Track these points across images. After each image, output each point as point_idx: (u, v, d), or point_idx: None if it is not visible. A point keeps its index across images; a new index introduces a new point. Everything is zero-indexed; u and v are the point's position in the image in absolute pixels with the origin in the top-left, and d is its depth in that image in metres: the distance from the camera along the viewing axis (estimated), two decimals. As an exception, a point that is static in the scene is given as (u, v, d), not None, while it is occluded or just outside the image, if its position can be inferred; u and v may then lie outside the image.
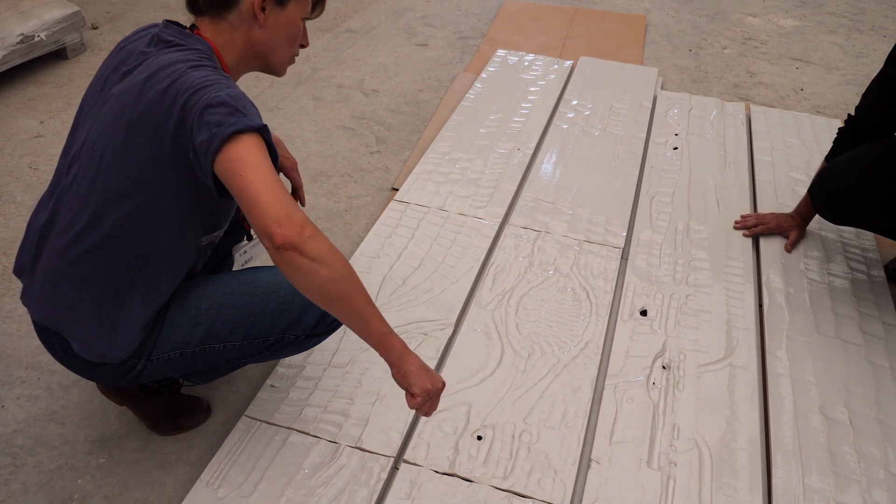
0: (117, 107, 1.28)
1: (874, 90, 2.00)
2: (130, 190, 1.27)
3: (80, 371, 1.45)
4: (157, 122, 1.22)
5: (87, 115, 1.37)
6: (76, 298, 1.34)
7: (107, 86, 1.36)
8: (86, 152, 1.32)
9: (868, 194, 1.96)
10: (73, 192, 1.33)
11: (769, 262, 2.25)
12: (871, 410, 1.79)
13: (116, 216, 1.29)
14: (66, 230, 1.32)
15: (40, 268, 1.37)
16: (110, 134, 1.28)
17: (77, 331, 1.35)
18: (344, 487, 1.55)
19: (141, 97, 1.24)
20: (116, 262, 1.32)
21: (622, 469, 1.63)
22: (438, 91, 3.31)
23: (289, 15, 1.38)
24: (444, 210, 2.40)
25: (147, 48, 1.33)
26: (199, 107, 1.18)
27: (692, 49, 3.84)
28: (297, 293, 1.39)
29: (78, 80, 3.25)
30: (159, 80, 1.23)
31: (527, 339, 1.94)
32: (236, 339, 1.44)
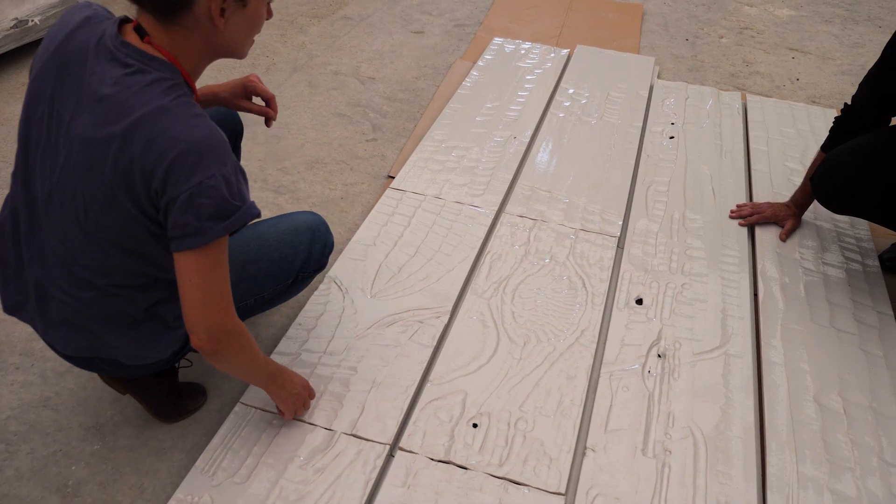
0: (89, 159, 1.17)
1: (871, 80, 2.00)
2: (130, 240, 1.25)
3: (130, 373, 1.49)
4: (142, 186, 1.16)
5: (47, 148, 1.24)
6: (110, 330, 1.34)
7: (57, 112, 1.21)
8: (62, 204, 1.24)
9: (870, 184, 1.96)
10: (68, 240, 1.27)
11: (764, 251, 2.26)
12: (865, 399, 1.80)
13: (129, 260, 1.28)
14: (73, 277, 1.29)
15: (55, 312, 1.33)
16: (89, 190, 1.19)
17: (121, 351, 1.37)
18: (339, 475, 1.55)
19: (119, 155, 1.15)
20: (142, 288, 1.33)
21: (617, 457, 1.64)
22: (435, 79, 3.29)
23: (252, 9, 1.24)
24: (440, 198, 2.39)
25: (100, 64, 1.18)
26: (190, 187, 1.13)
27: (689, 38, 3.83)
28: (298, 235, 1.59)
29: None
30: (140, 141, 1.13)
31: (522, 327, 1.94)
32: (263, 291, 1.57)
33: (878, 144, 1.97)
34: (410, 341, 1.87)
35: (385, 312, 1.95)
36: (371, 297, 2.00)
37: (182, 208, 1.14)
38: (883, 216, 2.06)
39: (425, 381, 1.79)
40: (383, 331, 1.90)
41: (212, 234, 1.17)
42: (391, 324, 1.92)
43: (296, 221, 1.65)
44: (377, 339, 1.88)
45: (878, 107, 2.02)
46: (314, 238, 1.64)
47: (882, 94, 1.99)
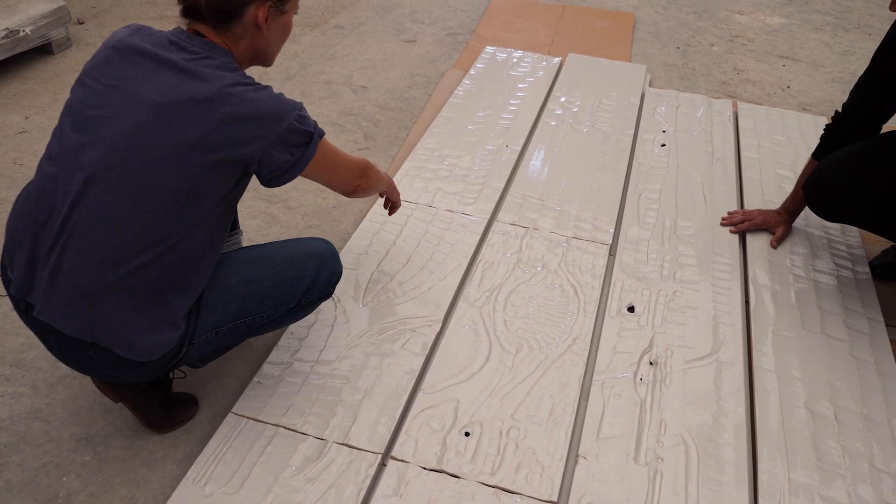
0: (160, 117, 1.29)
1: (861, 87, 2.01)
2: (182, 205, 1.33)
3: (123, 375, 1.45)
4: (219, 142, 1.31)
5: (108, 116, 1.32)
6: (117, 307, 1.34)
7: (125, 85, 1.33)
8: (121, 161, 1.30)
9: (862, 193, 1.97)
10: (104, 208, 1.30)
11: (755, 258, 2.27)
12: (855, 405, 1.80)
13: (169, 233, 1.33)
14: (107, 247, 1.31)
15: (65, 284, 1.32)
16: (159, 146, 1.29)
17: (119, 337, 1.35)
18: (331, 484, 1.55)
19: (196, 118, 1.29)
20: (160, 271, 1.35)
21: (609, 465, 1.64)
22: (427, 87, 3.30)
23: (286, 18, 1.50)
24: (432, 207, 2.39)
25: (169, 51, 1.35)
26: (275, 132, 1.35)
27: (680, 46, 3.85)
28: (307, 260, 1.62)
29: (64, 75, 3.22)
30: (227, 104, 1.31)
31: (514, 335, 1.95)
32: (265, 310, 1.56)
33: (870, 153, 1.99)
34: (402, 350, 1.87)
35: (377, 321, 1.95)
36: (363, 306, 2.00)
37: (280, 146, 1.37)
38: (875, 224, 2.07)
39: (417, 389, 1.79)
40: (375, 339, 1.90)
41: (311, 151, 1.43)
42: (383, 332, 1.92)
43: (305, 246, 1.66)
44: (369, 347, 1.88)
45: (868, 114, 2.03)
46: (322, 265, 1.64)
47: (872, 102, 2.00)
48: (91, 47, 3.47)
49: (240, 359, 1.89)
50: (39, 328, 1.41)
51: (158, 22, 3.78)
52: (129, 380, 1.54)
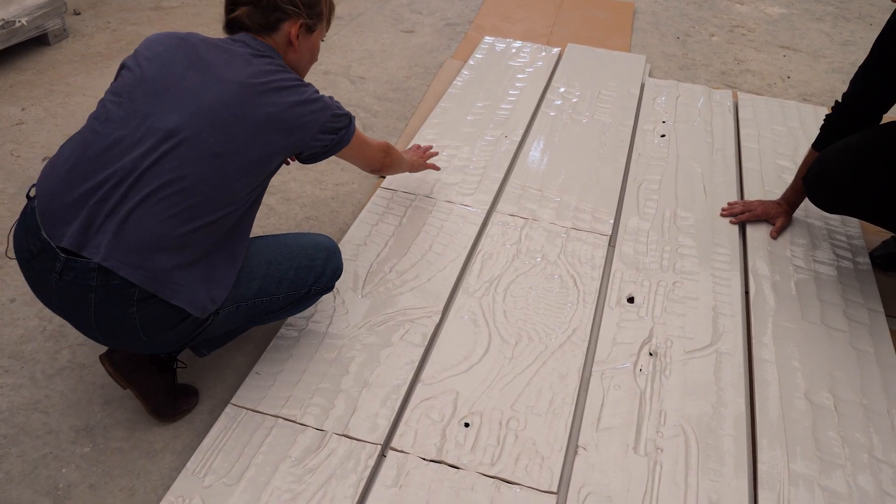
0: (240, 94, 1.45)
1: (860, 77, 2.01)
2: (254, 175, 1.50)
3: (153, 339, 1.47)
4: (292, 125, 1.52)
5: (189, 89, 1.45)
6: (179, 262, 1.41)
7: (202, 67, 1.47)
8: (207, 126, 1.42)
9: (863, 185, 1.97)
10: (185, 169, 1.40)
11: (755, 249, 2.26)
12: (855, 396, 1.80)
13: (235, 200, 1.48)
14: (180, 206, 1.40)
15: (132, 236, 1.37)
16: (241, 117, 1.45)
17: (179, 289, 1.41)
18: (331, 475, 1.55)
19: (276, 102, 1.49)
20: (217, 234, 1.47)
21: (609, 455, 1.64)
22: (425, 78, 3.29)
23: (314, 39, 1.70)
24: (431, 197, 2.39)
25: (238, 47, 1.53)
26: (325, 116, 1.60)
27: (680, 36, 3.84)
28: (318, 251, 1.73)
29: (60, 66, 3.21)
30: (289, 91, 1.52)
31: (514, 326, 1.94)
32: (281, 293, 1.64)
33: (870, 144, 1.98)
34: (402, 341, 1.87)
35: (376, 312, 1.95)
36: (362, 297, 1.99)
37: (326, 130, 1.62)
38: (875, 215, 2.06)
39: (417, 380, 1.79)
40: (375, 330, 1.90)
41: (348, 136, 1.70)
42: (382, 323, 1.92)
43: (315, 239, 1.76)
44: (368, 338, 1.87)
45: (868, 104, 2.02)
46: (329, 257, 1.75)
47: (872, 92, 1.99)
48: (87, 38, 3.46)
49: (239, 350, 1.89)
50: (77, 288, 1.39)
51: (155, 13, 3.77)
52: (153, 347, 1.51)
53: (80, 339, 1.91)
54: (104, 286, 1.37)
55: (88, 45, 3.40)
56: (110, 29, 3.58)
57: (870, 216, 2.08)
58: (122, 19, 3.68)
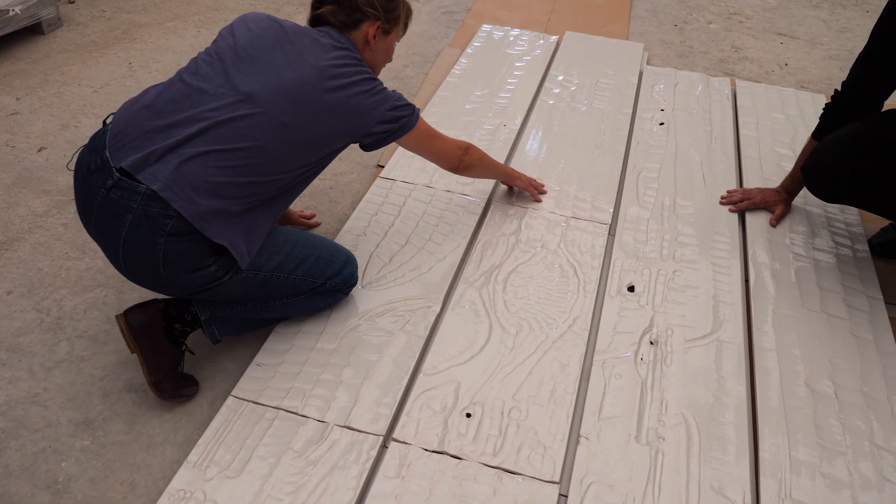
0: (318, 77, 1.59)
1: (859, 65, 2.00)
2: (313, 150, 1.65)
3: (172, 277, 1.55)
4: (355, 112, 1.65)
5: (273, 63, 1.58)
6: (227, 209, 1.53)
7: (287, 47, 1.61)
8: (284, 98, 1.56)
9: (862, 174, 1.96)
10: (256, 131, 1.53)
11: (755, 237, 2.26)
12: (855, 383, 1.81)
13: (291, 169, 1.62)
14: (242, 162, 1.53)
15: (192, 174, 1.48)
16: (314, 98, 1.58)
17: (223, 232, 1.53)
18: (333, 466, 1.55)
19: (347, 88, 1.63)
20: (266, 196, 1.60)
21: (611, 444, 1.64)
22: (423, 66, 3.27)
23: (390, 41, 1.81)
24: (430, 187, 2.38)
25: (320, 36, 1.67)
26: (386, 106, 1.72)
27: (677, 24, 3.82)
28: (339, 253, 1.85)
29: (55, 55, 3.18)
30: (359, 81, 1.65)
31: (515, 315, 1.94)
32: (298, 274, 1.74)
33: (868, 133, 1.97)
34: (402, 331, 1.86)
35: (376, 303, 1.94)
36: (362, 288, 1.99)
37: (386, 120, 1.73)
38: (874, 205, 2.06)
39: (418, 371, 1.78)
40: (375, 321, 1.89)
41: (410, 124, 1.78)
42: (383, 314, 1.91)
43: (338, 245, 1.89)
44: (369, 329, 1.87)
45: (867, 92, 2.01)
46: (348, 262, 1.86)
47: (871, 80, 1.99)
48: (82, 27, 3.43)
49: (240, 342, 1.88)
50: (118, 207, 1.49)
51: (150, 1, 3.73)
52: (166, 286, 1.60)
53: (79, 331, 1.90)
54: (143, 210, 1.47)
55: (83, 34, 3.37)
56: (105, 17, 3.54)
57: (868, 205, 2.08)
58: (117, 8, 3.65)
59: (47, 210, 2.31)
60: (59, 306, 1.97)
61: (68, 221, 2.26)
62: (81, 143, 2.61)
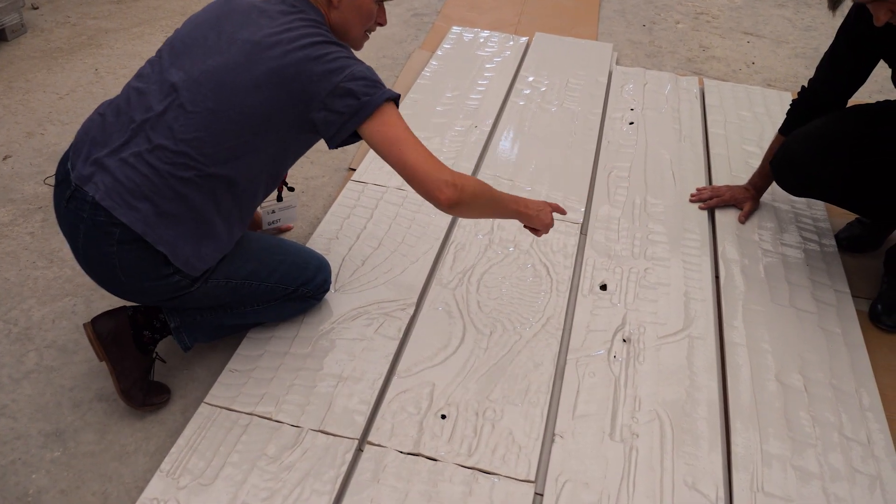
0: (248, 54, 1.44)
1: (826, 63, 2.04)
2: (252, 132, 1.48)
3: (133, 285, 1.54)
4: (294, 81, 1.43)
5: (203, 48, 1.48)
6: (170, 210, 1.47)
7: (223, 27, 1.49)
8: (207, 84, 1.45)
9: (828, 168, 2.00)
10: (187, 120, 1.45)
11: (724, 233, 2.29)
12: (824, 376, 1.83)
13: (233, 155, 1.49)
14: (175, 155, 1.45)
15: (130, 178, 1.44)
16: (242, 76, 1.44)
17: (166, 237, 1.47)
18: (308, 471, 1.54)
19: (281, 56, 1.43)
20: (213, 189, 1.50)
21: (586, 442, 1.65)
22: (394, 69, 3.27)
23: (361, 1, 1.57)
24: (402, 189, 2.37)
25: (267, 5, 1.50)
26: (342, 76, 1.43)
27: (646, 24, 3.86)
28: (312, 259, 1.80)
29: (19, 62, 3.13)
30: (301, 47, 1.43)
31: (488, 316, 1.94)
32: (271, 282, 1.70)
33: (835, 127, 2.01)
34: (376, 334, 1.86)
35: (350, 306, 1.94)
36: (335, 291, 1.98)
37: (342, 93, 1.44)
38: (841, 198, 2.10)
39: (392, 373, 1.78)
40: (348, 325, 1.88)
41: (375, 101, 1.44)
42: (356, 317, 1.90)
43: (311, 251, 1.86)
44: (342, 333, 1.86)
45: (833, 89, 2.05)
46: (321, 268, 1.82)
47: (837, 77, 2.02)
48: (46, 33, 3.38)
49: (212, 348, 1.86)
50: (73, 218, 1.48)
51: (116, 7, 3.69)
52: (134, 294, 1.59)
53: (48, 341, 1.87)
54: (92, 220, 1.46)
55: (48, 41, 3.32)
56: (70, 23, 3.50)
57: (836, 199, 2.11)
58: (82, 13, 3.60)
59: (13, 219, 2.27)
60: (27, 316, 1.94)
61: (35, 230, 2.23)
62: (47, 151, 2.58)
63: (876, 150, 1.96)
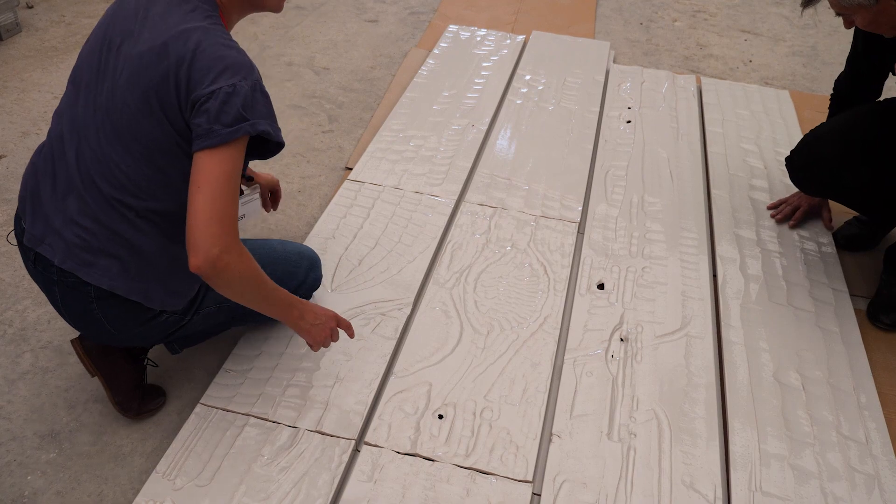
0: (132, 73, 1.30)
1: (849, 57, 2.11)
2: (163, 150, 1.33)
3: (123, 334, 1.48)
4: (172, 94, 1.28)
5: (98, 73, 1.36)
6: (127, 255, 1.38)
7: (109, 41, 1.35)
8: (105, 117, 1.33)
9: (844, 168, 2.00)
10: (102, 166, 1.34)
11: (722, 232, 2.28)
12: (822, 375, 1.83)
13: (163, 184, 1.36)
14: (111, 196, 1.35)
15: (77, 233, 1.36)
16: (132, 98, 1.30)
17: (135, 285, 1.39)
18: (305, 472, 1.53)
19: (156, 66, 1.28)
20: (170, 224, 1.40)
21: (583, 442, 1.64)
22: (390, 68, 3.26)
23: None
24: (399, 188, 2.37)
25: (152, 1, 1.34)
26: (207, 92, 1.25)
27: (643, 22, 3.85)
28: (301, 259, 1.75)
29: (13, 61, 3.11)
30: (175, 52, 1.26)
31: (485, 316, 1.94)
32: None
33: (854, 129, 2.01)
34: (373, 334, 1.85)
35: (347, 306, 1.93)
36: (332, 291, 1.97)
37: (198, 110, 1.26)
38: (859, 202, 2.11)
39: (389, 373, 1.77)
40: (345, 325, 1.88)
41: (217, 137, 1.25)
42: (353, 317, 1.90)
43: (298, 248, 1.79)
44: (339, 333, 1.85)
45: (858, 83, 2.13)
46: (311, 267, 1.79)
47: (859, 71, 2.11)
48: (41, 32, 3.36)
49: (207, 349, 1.85)
50: (45, 280, 1.43)
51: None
52: (128, 340, 1.54)
53: (43, 342, 1.86)
54: (63, 282, 1.40)
55: (43, 40, 3.31)
56: (65, 22, 3.48)
57: (853, 202, 2.11)
58: (77, 12, 3.59)
59: (7, 220, 2.26)
60: (22, 317, 1.93)
61: (30, 230, 2.22)
62: (43, 150, 2.57)
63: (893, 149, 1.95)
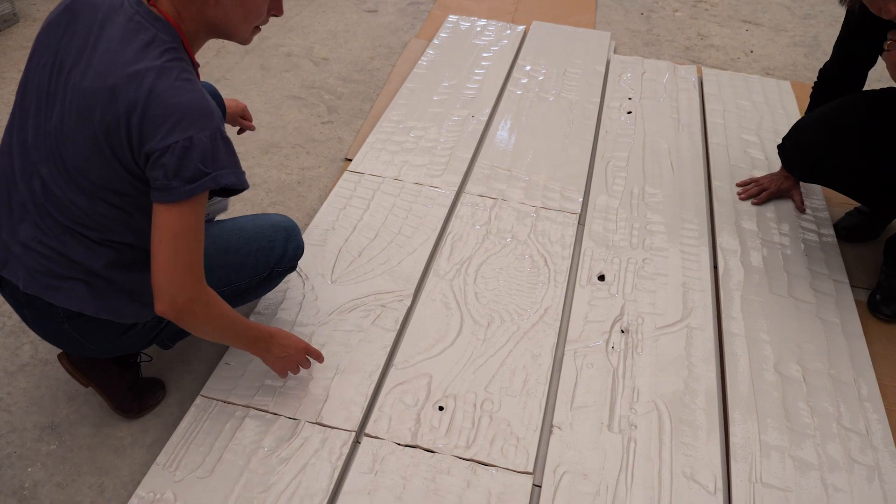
0: (80, 109, 1.22)
1: (836, 45, 2.10)
2: (115, 187, 1.27)
3: (102, 346, 1.45)
4: (123, 142, 1.21)
5: (48, 96, 1.27)
6: (89, 278, 1.34)
7: (60, 62, 1.25)
8: (54, 148, 1.27)
9: (834, 154, 2.00)
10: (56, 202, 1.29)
11: (723, 224, 2.28)
12: (823, 366, 1.83)
13: (114, 213, 1.30)
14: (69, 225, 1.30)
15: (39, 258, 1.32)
16: (79, 138, 1.24)
17: (103, 303, 1.35)
18: (305, 464, 1.53)
19: (105, 109, 1.20)
20: (120, 247, 1.34)
21: (584, 434, 1.64)
22: (390, 58, 3.24)
23: None
24: (399, 180, 2.36)
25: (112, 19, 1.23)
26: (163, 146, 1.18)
27: (644, 12, 3.83)
28: (276, 231, 1.64)
29: (11, 52, 3.10)
30: (126, 98, 1.18)
31: (486, 307, 1.93)
32: (242, 279, 1.59)
33: (845, 114, 2.02)
34: (373, 326, 1.85)
35: (347, 297, 1.93)
36: (332, 283, 1.97)
37: (154, 163, 1.20)
38: (850, 186, 2.10)
39: (389, 365, 1.77)
40: (345, 316, 1.87)
41: (177, 194, 1.20)
42: (353, 309, 1.89)
43: (272, 220, 1.69)
44: (339, 324, 1.85)
45: (845, 70, 2.11)
46: (289, 237, 1.68)
47: (847, 58, 2.08)
48: (39, 22, 3.34)
49: (206, 341, 1.84)
50: (14, 301, 1.40)
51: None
52: (109, 352, 1.51)
53: (42, 333, 1.86)
54: (31, 305, 1.37)
55: (40, 30, 3.29)
56: (63, 13, 3.46)
57: (844, 187, 2.11)
58: (75, 3, 3.56)
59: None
60: (22, 309, 1.93)
61: (29, 222, 2.21)
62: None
63: (884, 137, 1.95)
